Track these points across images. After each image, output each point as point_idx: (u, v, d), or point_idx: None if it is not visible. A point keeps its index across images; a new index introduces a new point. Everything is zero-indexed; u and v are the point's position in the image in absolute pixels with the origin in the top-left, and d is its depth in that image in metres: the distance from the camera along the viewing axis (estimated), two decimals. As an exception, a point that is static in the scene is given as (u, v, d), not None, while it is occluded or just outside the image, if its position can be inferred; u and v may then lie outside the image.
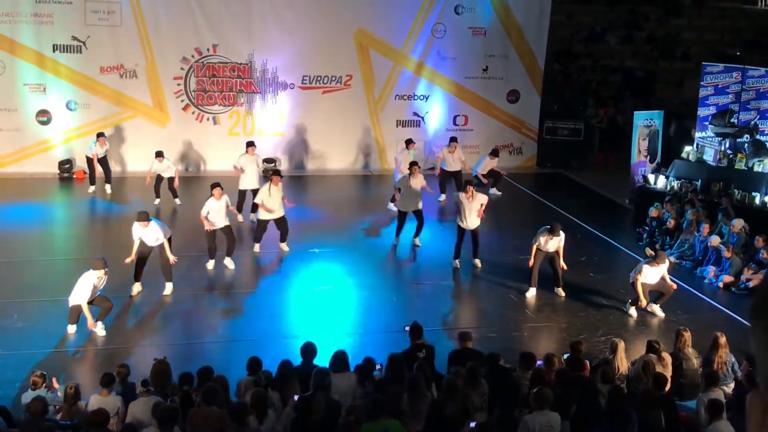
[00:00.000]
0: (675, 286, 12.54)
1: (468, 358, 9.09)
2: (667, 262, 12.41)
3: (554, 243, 12.82)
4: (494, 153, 19.17)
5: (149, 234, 12.15)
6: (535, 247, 12.89)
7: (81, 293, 10.80)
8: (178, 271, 12.80)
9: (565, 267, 12.95)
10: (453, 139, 18.35)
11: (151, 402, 7.75)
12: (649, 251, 14.68)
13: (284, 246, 14.56)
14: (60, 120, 19.18)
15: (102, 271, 10.96)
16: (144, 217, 12.17)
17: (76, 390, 8.17)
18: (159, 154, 16.73)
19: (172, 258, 12.32)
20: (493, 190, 18.92)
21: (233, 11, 19.51)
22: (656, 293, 12.44)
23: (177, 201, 16.96)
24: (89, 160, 17.90)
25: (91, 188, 17.93)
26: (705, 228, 14.60)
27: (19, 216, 16.12)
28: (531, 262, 12.93)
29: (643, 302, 12.26)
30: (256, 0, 19.55)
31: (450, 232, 14.66)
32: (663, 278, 12.29)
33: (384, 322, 11.85)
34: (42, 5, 18.42)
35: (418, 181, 14.80)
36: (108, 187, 17.96)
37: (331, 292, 12.91)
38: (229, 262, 13.73)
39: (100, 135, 17.91)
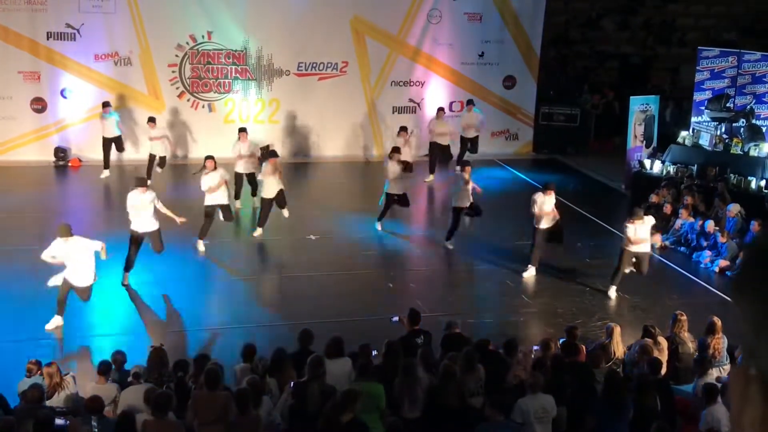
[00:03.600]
0: (648, 260, 12.55)
1: (460, 342, 9.12)
2: (646, 219, 12.40)
3: (551, 202, 12.89)
4: (470, 102, 19.41)
5: (143, 201, 12.07)
6: (536, 211, 12.89)
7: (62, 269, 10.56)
8: (172, 257, 12.77)
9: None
10: (440, 109, 18.81)
11: (142, 389, 7.75)
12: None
13: (284, 211, 14.64)
14: (54, 108, 19.11)
15: (65, 239, 10.45)
16: (142, 183, 12.21)
17: (57, 367, 8.21)
18: (151, 120, 17.05)
19: (179, 219, 12.44)
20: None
21: (228, -3, 19.45)
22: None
23: (158, 169, 17.12)
24: (107, 141, 17.84)
25: (105, 173, 17.91)
26: (683, 212, 14.73)
27: (14, 204, 16.08)
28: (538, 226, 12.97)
29: (625, 269, 12.36)
30: (251, -14, 19.51)
31: (445, 215, 14.64)
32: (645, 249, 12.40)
33: (380, 309, 11.84)
34: (36, -8, 18.35)
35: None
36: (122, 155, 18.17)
37: (327, 279, 12.90)
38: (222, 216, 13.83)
39: (106, 104, 17.92)
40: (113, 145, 17.89)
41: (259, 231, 14.47)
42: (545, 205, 12.88)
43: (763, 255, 1.04)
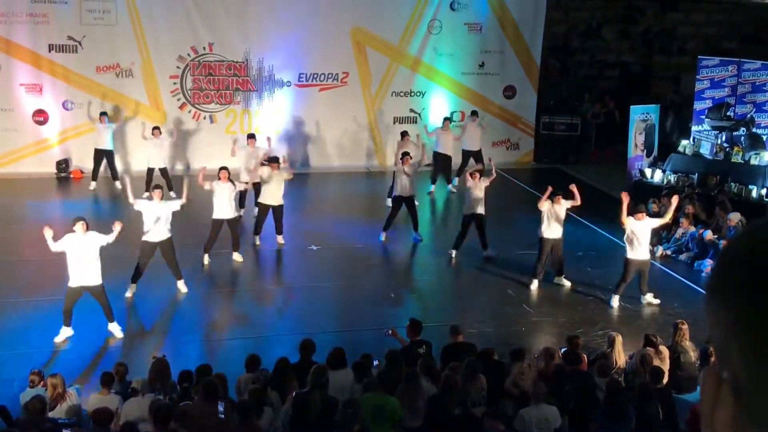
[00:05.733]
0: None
1: (460, 351, 9.12)
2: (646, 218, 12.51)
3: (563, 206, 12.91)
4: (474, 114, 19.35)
5: (160, 210, 12.04)
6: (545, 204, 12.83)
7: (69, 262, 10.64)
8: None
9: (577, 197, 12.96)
10: (446, 119, 18.79)
11: (144, 402, 7.75)
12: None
13: (280, 239, 14.59)
14: (56, 120, 19.16)
15: (79, 224, 10.61)
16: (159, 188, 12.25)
17: (61, 378, 8.21)
18: (156, 129, 17.20)
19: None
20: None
21: (229, 9, 19.49)
22: (637, 278, 12.46)
23: (171, 194, 17.01)
24: (98, 153, 17.95)
25: (92, 184, 18.01)
26: (684, 221, 14.74)
27: (16, 216, 16.10)
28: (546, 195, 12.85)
29: (628, 279, 12.30)
30: (252, -2, 19.59)
31: (447, 225, 14.65)
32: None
33: (382, 319, 11.85)
34: (37, 5, 18.39)
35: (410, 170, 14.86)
36: (118, 184, 17.93)
37: (329, 289, 12.91)
38: (237, 257, 13.74)
39: (102, 114, 18.02)
40: (105, 161, 17.96)
41: (257, 240, 14.52)
42: (551, 212, 12.84)
43: (732, 259, 1.06)
